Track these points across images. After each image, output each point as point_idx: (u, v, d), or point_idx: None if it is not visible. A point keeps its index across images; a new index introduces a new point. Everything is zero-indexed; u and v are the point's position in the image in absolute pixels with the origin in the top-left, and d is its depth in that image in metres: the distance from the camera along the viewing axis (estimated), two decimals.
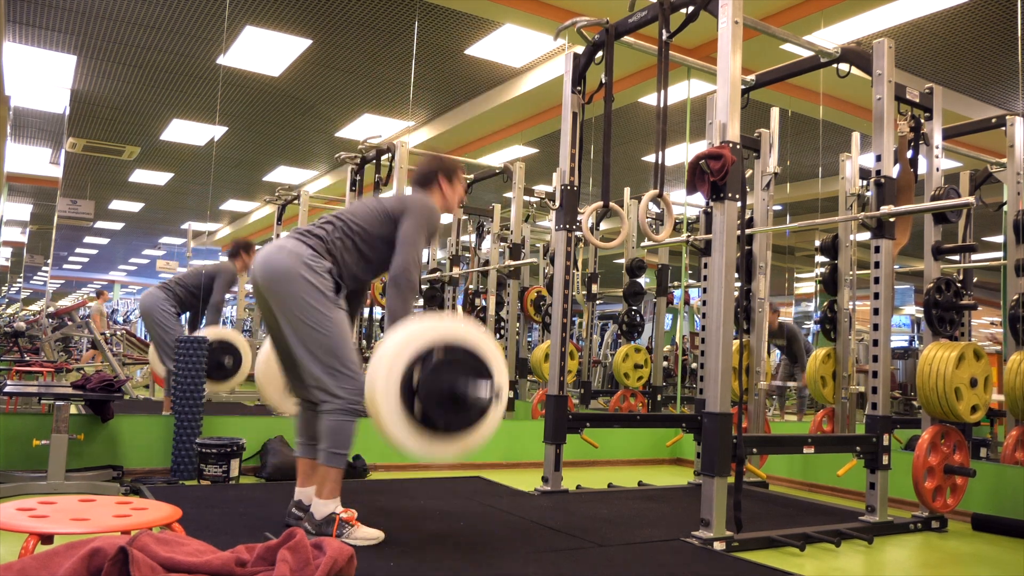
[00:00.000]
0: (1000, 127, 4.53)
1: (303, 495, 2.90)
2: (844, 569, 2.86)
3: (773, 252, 4.68)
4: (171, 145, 9.27)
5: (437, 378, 2.49)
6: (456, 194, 3.12)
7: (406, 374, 2.47)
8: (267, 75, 7.33)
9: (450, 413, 2.52)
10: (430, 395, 2.48)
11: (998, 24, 5.86)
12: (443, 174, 3.08)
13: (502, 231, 6.88)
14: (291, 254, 2.75)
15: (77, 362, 9.42)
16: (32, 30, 6.50)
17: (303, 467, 2.93)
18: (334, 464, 2.72)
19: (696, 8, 3.33)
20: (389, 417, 2.45)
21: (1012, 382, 4.04)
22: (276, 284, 2.73)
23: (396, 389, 2.45)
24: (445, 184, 3.08)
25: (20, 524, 1.71)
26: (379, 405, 2.45)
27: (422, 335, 2.53)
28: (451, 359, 2.53)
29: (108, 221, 12.70)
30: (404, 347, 2.50)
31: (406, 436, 2.49)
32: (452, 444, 2.57)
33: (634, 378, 6.15)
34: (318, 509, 2.70)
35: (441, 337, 2.55)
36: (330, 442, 2.71)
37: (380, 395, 2.45)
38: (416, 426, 2.49)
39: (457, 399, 2.52)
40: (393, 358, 2.48)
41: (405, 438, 2.49)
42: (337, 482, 2.73)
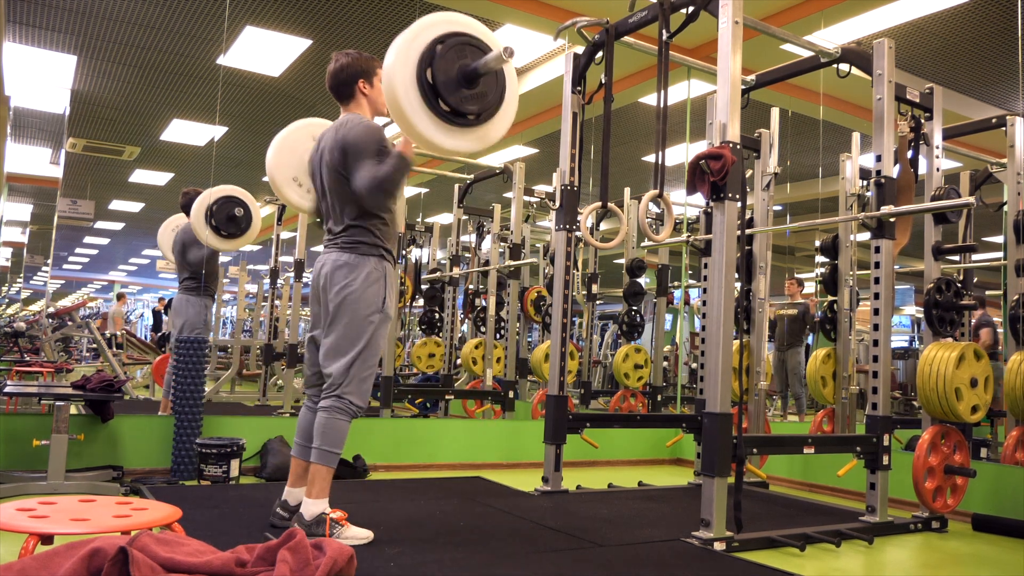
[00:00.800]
0: (1000, 127, 4.53)
1: (291, 496, 2.89)
2: (844, 569, 2.86)
3: (773, 252, 4.68)
4: (171, 145, 9.28)
5: (449, 63, 2.57)
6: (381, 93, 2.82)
7: (419, 72, 2.54)
8: (267, 75, 7.33)
9: (468, 96, 2.61)
10: (447, 82, 2.55)
11: (998, 24, 5.86)
12: (362, 78, 2.90)
13: (502, 231, 6.88)
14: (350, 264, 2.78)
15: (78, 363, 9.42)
16: (32, 30, 6.50)
17: (296, 468, 2.92)
18: (326, 463, 2.71)
19: (696, 8, 3.33)
20: (414, 114, 2.52)
21: (1012, 382, 4.04)
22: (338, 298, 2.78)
23: (414, 85, 2.53)
24: (366, 87, 2.90)
25: (20, 524, 1.71)
26: (403, 105, 2.51)
27: (417, 36, 2.60)
28: (455, 44, 2.61)
29: (108, 221, 12.70)
30: (409, 45, 2.57)
31: (432, 130, 2.57)
32: (472, 134, 2.65)
33: (634, 378, 6.15)
34: (308, 509, 2.69)
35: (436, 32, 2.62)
36: (324, 440, 2.70)
37: (400, 93, 2.51)
38: (439, 117, 2.57)
39: (471, 80, 2.60)
40: (405, 54, 2.54)
41: (431, 132, 2.56)
42: (327, 481, 2.72)
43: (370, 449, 4.41)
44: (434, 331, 7.32)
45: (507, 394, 5.83)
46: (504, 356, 6.10)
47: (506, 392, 5.84)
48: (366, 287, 2.78)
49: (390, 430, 4.65)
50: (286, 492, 2.91)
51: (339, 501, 3.42)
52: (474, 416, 6.33)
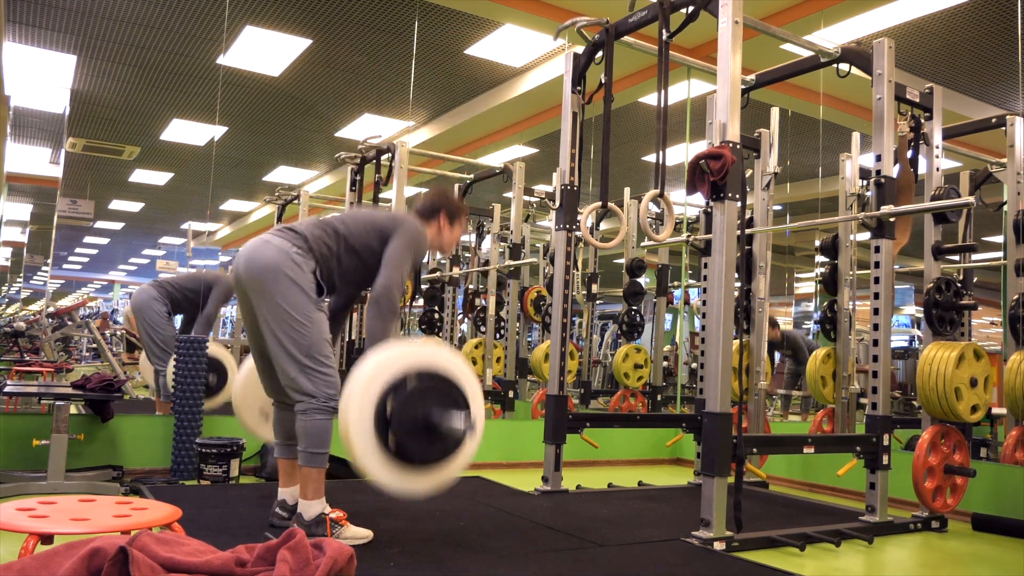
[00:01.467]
0: (1000, 127, 4.53)
1: (287, 495, 2.89)
2: (844, 569, 2.86)
3: (773, 252, 4.68)
4: (171, 145, 9.27)
5: (411, 408, 2.39)
6: (452, 236, 3.08)
7: (379, 404, 2.38)
8: (267, 75, 7.33)
9: (424, 445, 2.41)
10: (403, 426, 2.38)
11: (998, 24, 5.86)
12: (446, 212, 3.05)
13: (502, 231, 6.88)
14: (277, 249, 2.69)
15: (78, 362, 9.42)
16: (32, 30, 6.50)
17: (284, 467, 2.92)
18: (315, 464, 2.69)
19: (696, 8, 3.33)
20: (362, 450, 2.36)
21: (1012, 382, 4.04)
22: (258, 279, 2.68)
23: (370, 420, 2.36)
24: (445, 222, 3.05)
25: (20, 524, 1.71)
26: (352, 438, 2.36)
27: (395, 362, 2.44)
28: (425, 387, 2.44)
29: (108, 221, 12.70)
30: (377, 375, 2.41)
31: (380, 469, 2.40)
32: (426, 477, 2.47)
33: (634, 378, 6.15)
34: (306, 510, 2.68)
35: (415, 364, 2.45)
36: (308, 442, 2.68)
37: (353, 427, 2.35)
38: (390, 459, 2.39)
39: (431, 430, 2.42)
40: (366, 386, 2.38)
41: (379, 471, 2.39)
42: (320, 481, 2.71)
43: None
44: (434, 331, 7.31)
45: (507, 394, 5.83)
46: (504, 356, 6.10)
47: (506, 392, 5.84)
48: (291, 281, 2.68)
49: None
50: (281, 492, 2.91)
51: (339, 501, 3.42)
52: None
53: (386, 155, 5.55)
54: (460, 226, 3.10)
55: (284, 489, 2.91)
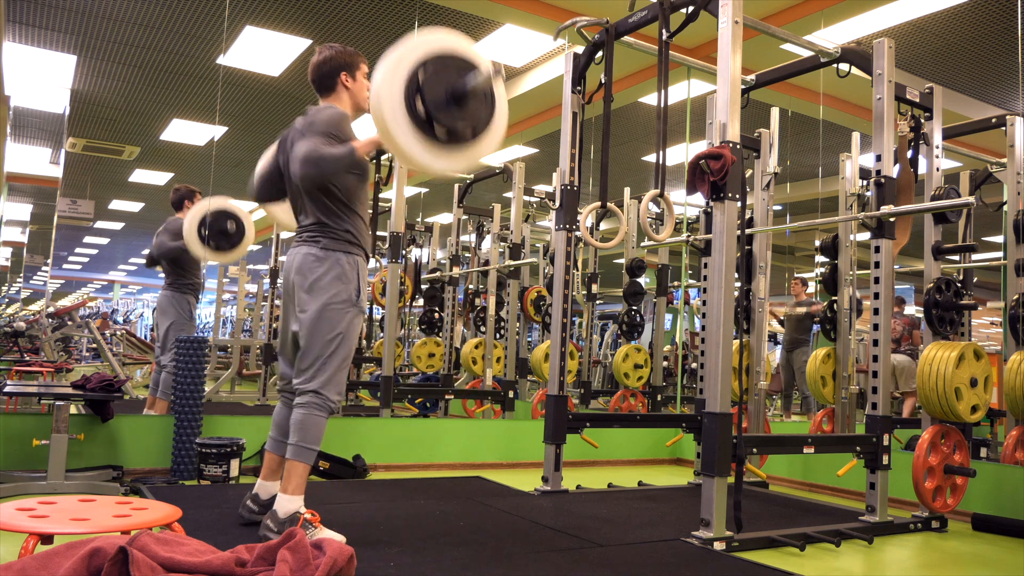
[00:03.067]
0: (1000, 127, 4.53)
1: (262, 489, 2.87)
2: (844, 569, 2.86)
3: (773, 252, 4.68)
4: (171, 145, 9.28)
5: (437, 84, 2.49)
6: (364, 88, 2.89)
7: (408, 88, 2.47)
8: (267, 75, 7.33)
9: (458, 115, 2.53)
10: (436, 101, 2.48)
11: (998, 24, 5.86)
12: (344, 70, 2.87)
13: (502, 231, 6.88)
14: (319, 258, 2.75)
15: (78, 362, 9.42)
16: (32, 30, 6.50)
17: (270, 462, 2.91)
18: (302, 459, 2.68)
19: (696, 8, 3.33)
20: (403, 138, 2.45)
21: (1012, 382, 4.04)
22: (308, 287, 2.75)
23: (402, 103, 2.45)
24: (348, 81, 2.88)
25: (20, 524, 1.71)
26: (388, 122, 2.44)
27: (413, 52, 2.51)
28: (441, 67, 2.53)
29: (108, 221, 12.70)
30: (400, 63, 2.48)
31: (421, 152, 2.49)
32: (464, 153, 2.58)
33: (634, 378, 6.15)
34: (283, 506, 2.65)
35: (429, 51, 2.53)
36: (300, 436, 2.68)
37: (387, 112, 2.43)
38: (429, 139, 2.50)
39: (460, 99, 2.53)
40: (393, 72, 2.45)
41: (420, 154, 2.49)
42: (304, 478, 2.69)
43: (370, 449, 4.41)
44: (434, 331, 7.31)
45: (507, 394, 5.83)
46: (504, 356, 6.10)
47: (506, 392, 5.84)
48: (336, 280, 2.76)
49: (390, 430, 4.65)
50: (257, 485, 2.89)
51: (339, 501, 3.43)
52: (474, 416, 6.33)
53: (386, 155, 5.55)
54: (363, 73, 2.91)
55: (262, 482, 2.89)
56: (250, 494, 2.89)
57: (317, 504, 3.29)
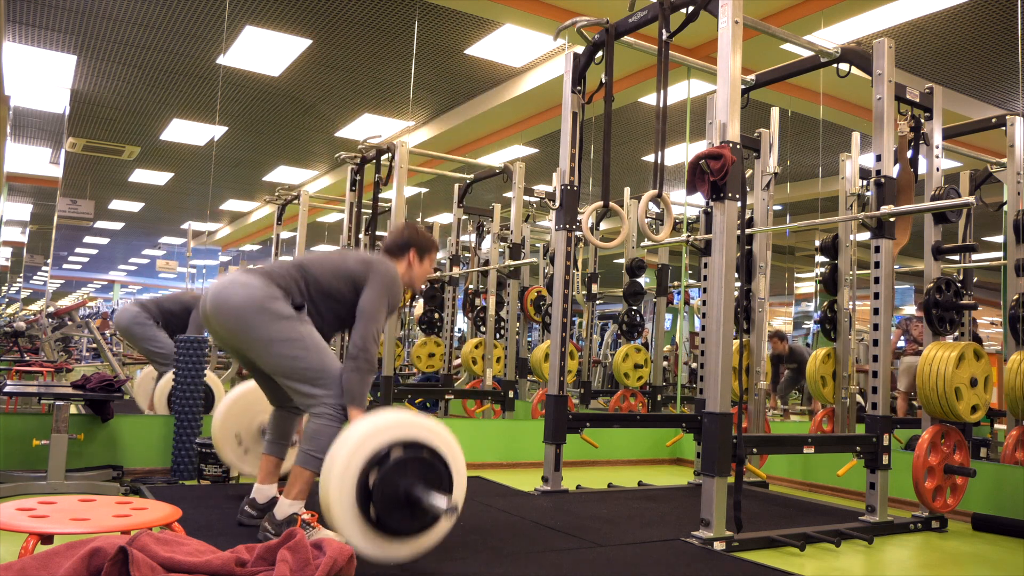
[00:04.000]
0: (1000, 127, 4.53)
1: (259, 493, 2.87)
2: (844, 569, 2.86)
3: (773, 252, 4.68)
4: (171, 145, 9.28)
5: (394, 481, 2.32)
6: (423, 272, 2.99)
7: (363, 474, 2.30)
8: (267, 75, 7.34)
9: (405, 518, 2.35)
10: (386, 499, 2.31)
11: (998, 24, 5.86)
12: (416, 249, 2.96)
13: (502, 231, 6.88)
14: (243, 286, 2.63)
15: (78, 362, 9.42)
16: (32, 30, 6.50)
17: (267, 465, 2.91)
18: (311, 467, 2.65)
19: (696, 8, 3.33)
20: (342, 519, 2.29)
21: (1012, 382, 4.04)
22: (234, 322, 2.63)
23: (351, 489, 2.28)
24: (415, 259, 2.96)
25: (20, 524, 1.71)
26: (332, 506, 2.29)
27: (381, 432, 2.35)
28: (410, 458, 2.36)
29: (108, 221, 12.71)
30: (362, 444, 2.33)
31: (359, 539, 2.32)
32: (405, 546, 2.39)
33: (634, 378, 6.15)
34: (281, 509, 2.65)
35: (401, 435, 2.37)
36: (312, 444, 2.64)
37: (334, 494, 2.28)
38: (370, 528, 2.33)
39: (413, 505, 2.36)
40: (350, 456, 2.31)
41: (358, 540, 2.31)
42: (308, 484, 2.67)
43: None
44: (434, 331, 7.32)
45: (507, 394, 5.83)
46: (504, 356, 6.10)
47: (506, 392, 5.84)
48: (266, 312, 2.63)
49: None
50: (255, 490, 2.89)
51: None
52: (474, 416, 6.33)
53: (386, 155, 5.55)
54: (430, 260, 3.02)
55: (259, 486, 2.89)
56: (248, 499, 2.89)
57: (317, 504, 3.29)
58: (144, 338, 4.81)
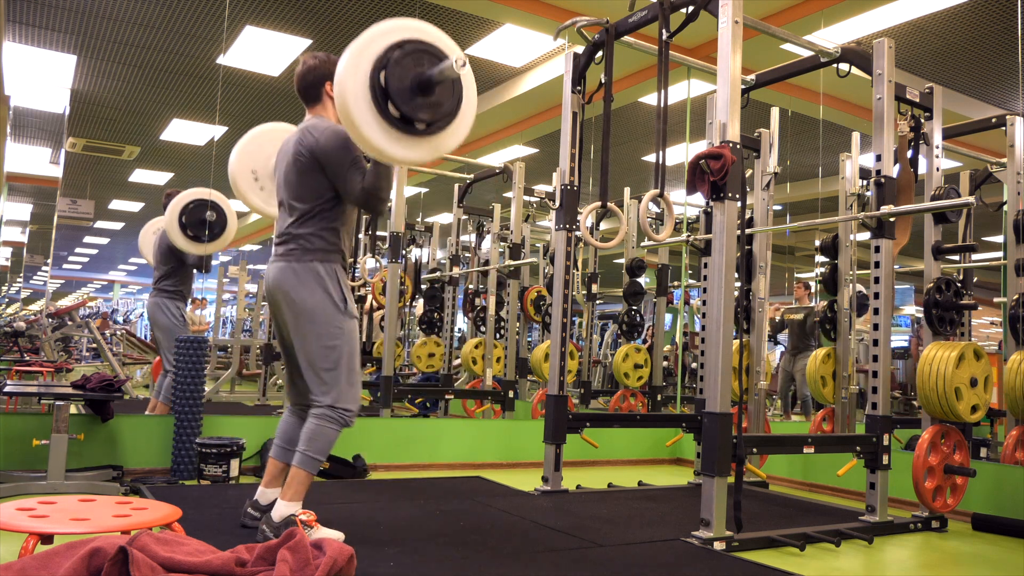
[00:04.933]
0: (1000, 127, 4.53)
1: (263, 496, 2.87)
2: (844, 569, 2.86)
3: (773, 252, 4.67)
4: (171, 145, 9.28)
5: (401, 72, 2.43)
6: None
7: (373, 75, 2.42)
8: (267, 75, 7.33)
9: (422, 104, 2.47)
10: (400, 90, 2.42)
11: (998, 24, 5.86)
12: (330, 82, 2.83)
13: (502, 231, 6.88)
14: (297, 272, 2.71)
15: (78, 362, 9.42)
16: (32, 30, 6.50)
17: (272, 469, 2.91)
18: (308, 468, 2.68)
19: (696, 8, 3.33)
20: (366, 125, 2.40)
21: (1012, 382, 4.04)
22: (291, 304, 2.72)
23: (366, 91, 2.40)
24: (333, 91, 2.77)
25: (20, 524, 1.71)
26: (351, 111, 2.39)
27: (377, 39, 2.47)
28: (409, 51, 2.48)
29: (108, 221, 12.71)
30: (364, 49, 2.44)
31: (383, 140, 2.44)
32: (425, 144, 2.52)
33: (634, 378, 6.15)
34: (279, 510, 2.66)
35: (398, 38, 2.49)
36: (311, 446, 2.67)
37: (351, 99, 2.38)
38: (391, 126, 2.44)
39: (424, 88, 2.47)
40: (357, 60, 2.42)
41: (382, 141, 2.43)
42: (305, 486, 2.69)
43: (370, 449, 4.41)
44: (434, 331, 7.32)
45: (507, 394, 5.83)
46: (504, 356, 6.10)
47: (506, 392, 5.84)
48: (319, 295, 2.72)
49: (390, 430, 4.65)
50: (259, 492, 2.89)
51: (339, 501, 3.43)
52: (474, 416, 6.33)
53: None
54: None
55: (263, 489, 2.89)
56: (251, 500, 2.89)
57: (317, 504, 3.29)
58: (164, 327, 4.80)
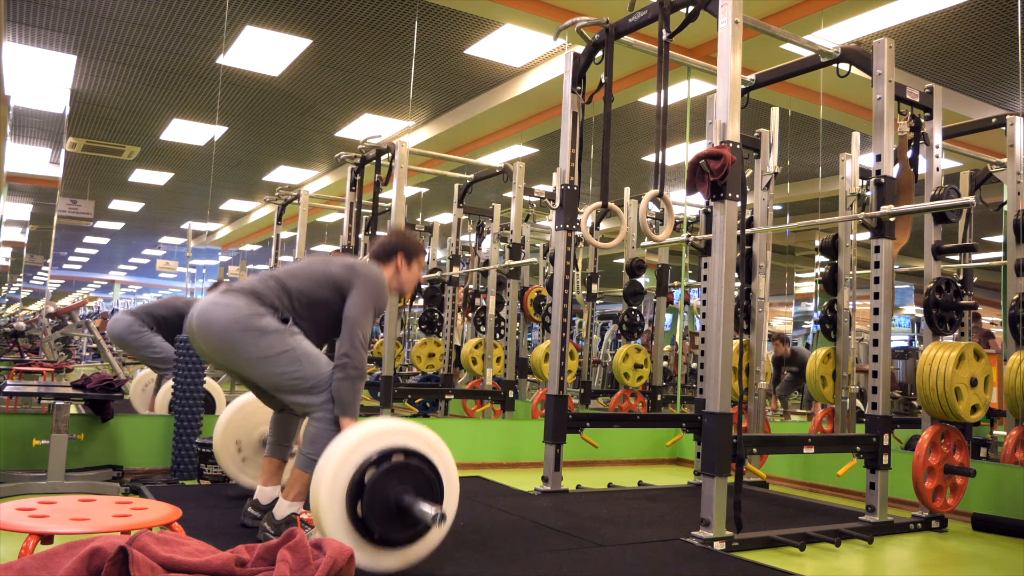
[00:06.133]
0: (1000, 127, 4.53)
1: (262, 495, 2.87)
2: (844, 569, 2.86)
3: (773, 252, 4.68)
4: (171, 145, 9.28)
5: (383, 489, 2.31)
6: (412, 277, 2.97)
7: (355, 478, 2.29)
8: (267, 75, 7.34)
9: (395, 527, 2.33)
10: (375, 506, 2.29)
11: (998, 24, 5.86)
12: (404, 253, 2.95)
13: (502, 231, 6.88)
14: (226, 307, 2.62)
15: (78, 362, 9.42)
16: (32, 30, 6.50)
17: (269, 466, 2.91)
18: (310, 470, 2.63)
19: (696, 8, 3.33)
20: (332, 527, 2.28)
21: (1012, 382, 4.04)
22: (218, 342, 2.62)
23: (341, 497, 2.27)
24: (403, 264, 2.94)
25: (20, 524, 1.71)
26: (323, 513, 2.28)
27: (372, 440, 2.36)
28: (400, 465, 2.35)
29: (108, 221, 12.72)
30: (351, 453, 2.32)
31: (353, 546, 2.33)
32: (395, 556, 2.37)
33: (634, 378, 6.15)
34: (281, 510, 2.67)
35: (393, 443, 2.37)
36: (311, 447, 2.65)
37: (324, 502, 2.27)
38: (360, 536, 2.30)
39: (403, 513, 2.33)
40: (339, 464, 2.30)
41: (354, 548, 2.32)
42: (306, 486, 2.65)
43: None
44: (434, 331, 7.32)
45: (507, 394, 5.83)
46: (504, 356, 6.10)
47: (506, 392, 5.84)
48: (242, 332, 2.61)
49: None
50: (258, 491, 2.89)
51: None
52: (474, 416, 6.33)
53: (386, 155, 5.55)
54: (419, 265, 3.00)
55: (262, 488, 2.89)
56: (251, 500, 2.89)
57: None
58: (140, 346, 4.76)
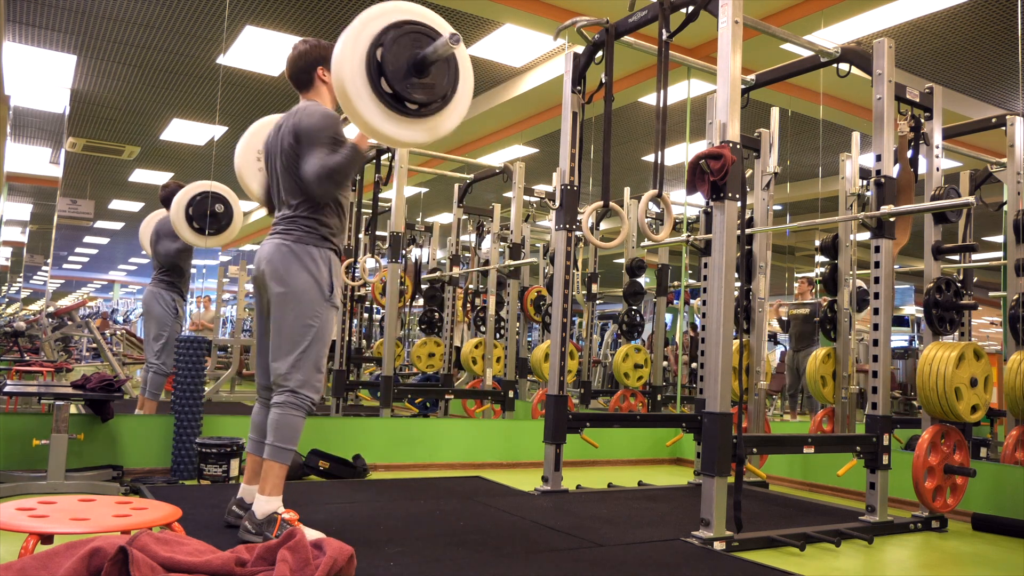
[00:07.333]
0: (1000, 127, 4.53)
1: (246, 493, 2.84)
2: (844, 569, 2.86)
3: (773, 252, 4.68)
4: (171, 145, 9.27)
5: (397, 52, 2.46)
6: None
7: (369, 55, 2.44)
8: (267, 75, 7.33)
9: (418, 85, 2.49)
10: (396, 71, 2.44)
11: (998, 24, 5.86)
12: (324, 66, 2.81)
13: (502, 231, 6.88)
14: (291, 250, 2.71)
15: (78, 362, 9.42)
16: (32, 30, 6.50)
17: (252, 464, 2.88)
18: (279, 459, 2.65)
19: (696, 8, 3.33)
20: (362, 105, 2.42)
21: (1012, 382, 4.04)
22: (279, 280, 2.70)
23: (363, 73, 2.42)
24: (327, 76, 2.79)
25: (20, 524, 1.71)
26: (348, 89, 2.40)
27: (373, 22, 2.49)
28: (404, 32, 2.50)
29: (108, 221, 12.70)
30: (360, 31, 2.46)
31: (381, 120, 2.46)
32: (422, 125, 2.53)
33: (634, 378, 6.15)
34: (260, 507, 2.63)
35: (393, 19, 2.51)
36: (277, 436, 2.64)
37: (349, 84, 2.40)
38: (388, 107, 2.46)
39: (420, 70, 2.49)
40: (353, 45, 2.43)
41: (380, 122, 2.45)
42: (281, 479, 2.66)
43: (370, 449, 4.41)
44: (434, 331, 7.32)
45: (507, 394, 5.83)
46: (504, 356, 6.10)
47: (506, 392, 5.84)
48: (306, 277, 2.71)
49: (390, 430, 4.65)
50: (242, 490, 2.87)
51: (339, 501, 3.43)
52: (474, 416, 6.33)
53: (386, 155, 5.55)
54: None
55: (246, 486, 2.87)
56: (235, 499, 2.86)
57: (317, 504, 3.29)
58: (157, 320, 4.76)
